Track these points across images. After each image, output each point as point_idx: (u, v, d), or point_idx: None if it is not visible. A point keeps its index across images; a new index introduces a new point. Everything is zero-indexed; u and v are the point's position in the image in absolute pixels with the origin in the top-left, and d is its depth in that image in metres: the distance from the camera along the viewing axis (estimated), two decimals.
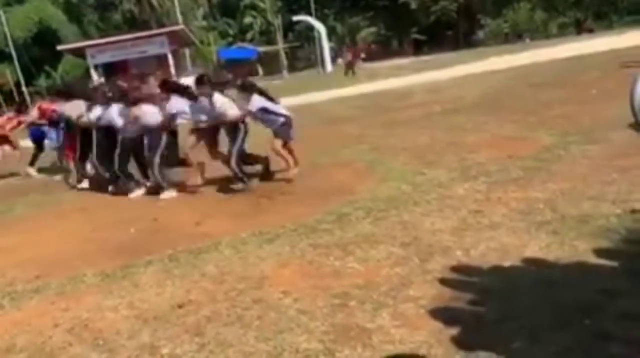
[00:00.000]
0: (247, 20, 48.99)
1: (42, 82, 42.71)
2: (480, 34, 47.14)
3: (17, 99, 30.50)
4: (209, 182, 6.74)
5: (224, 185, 6.45)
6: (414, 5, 40.87)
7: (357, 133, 8.73)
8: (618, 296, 2.71)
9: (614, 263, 3.12)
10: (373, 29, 49.27)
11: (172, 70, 36.45)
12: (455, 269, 3.38)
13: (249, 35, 49.28)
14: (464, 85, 13.58)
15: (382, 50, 48.67)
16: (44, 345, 3.19)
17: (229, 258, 4.15)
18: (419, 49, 44.48)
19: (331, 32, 49.56)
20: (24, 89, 36.62)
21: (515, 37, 41.67)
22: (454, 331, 2.64)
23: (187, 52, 46.91)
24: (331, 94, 16.28)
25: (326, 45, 32.29)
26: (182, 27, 39.08)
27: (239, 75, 9.46)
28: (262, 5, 47.43)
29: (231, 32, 51.75)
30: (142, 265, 4.25)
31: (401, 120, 9.35)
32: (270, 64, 42.50)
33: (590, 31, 35.96)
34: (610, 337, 2.39)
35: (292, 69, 42.84)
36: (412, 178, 5.62)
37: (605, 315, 2.57)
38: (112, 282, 4.00)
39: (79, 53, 37.57)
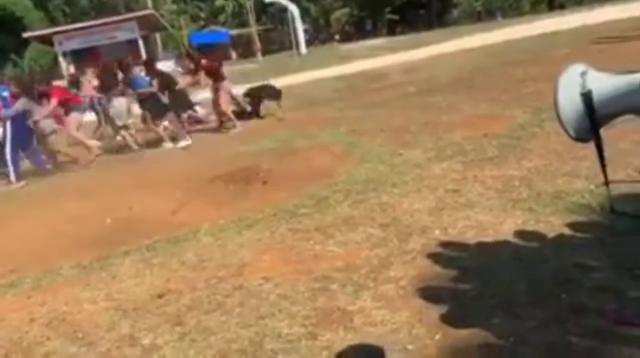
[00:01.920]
0: (219, 2, 48.13)
1: (9, 71, 41.52)
2: (454, 13, 47.20)
3: None
4: (184, 169, 6.67)
5: (199, 172, 6.38)
6: None
7: (334, 115, 8.70)
8: (592, 270, 2.77)
9: (588, 238, 3.18)
10: (346, 10, 48.87)
11: (143, 55, 35.80)
12: (434, 248, 3.41)
13: (221, 18, 48.46)
14: (438, 64, 13.60)
15: (356, 30, 48.39)
16: (20, 340, 3.14)
17: (208, 246, 4.12)
18: (392, 29, 44.32)
19: (304, 13, 49.00)
20: None
21: (487, 15, 41.82)
22: (435, 310, 2.67)
23: (158, 36, 46.08)
24: (306, 76, 16.17)
25: (299, 26, 31.87)
26: (152, 11, 38.24)
27: (211, 60, 9.42)
28: None
29: (202, 15, 50.81)
30: (119, 256, 4.20)
31: (377, 101, 9.34)
32: (244, 47, 41.93)
33: (562, 7, 36.26)
34: (585, 309, 2.43)
35: (266, 51, 42.40)
36: (390, 159, 5.63)
37: (580, 289, 2.62)
38: (89, 274, 3.94)
39: (46, 40, 36.57)
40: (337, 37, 46.28)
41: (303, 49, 31.31)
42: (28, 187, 7.61)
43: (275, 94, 9.91)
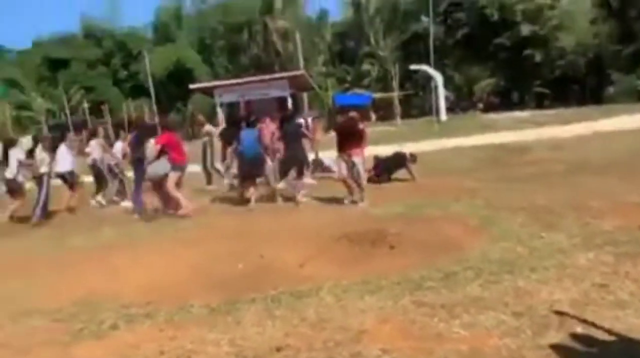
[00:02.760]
0: (365, 67, 50.17)
1: (173, 116, 46.45)
2: (610, 90, 44.21)
3: None
4: (313, 224, 6.82)
5: (327, 229, 6.46)
6: (538, 58, 39.36)
7: (470, 186, 8.42)
8: None
9: None
10: (492, 80, 48.16)
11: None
12: (573, 345, 3.07)
13: (365, 81, 50.33)
14: (589, 143, 12.72)
15: (501, 101, 47.29)
16: None
17: (329, 305, 4.10)
18: (540, 102, 42.63)
19: (448, 82, 49.04)
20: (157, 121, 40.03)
21: None
22: None
23: (305, 96, 48.95)
24: (444, 143, 15.97)
25: (442, 94, 31.98)
26: (302, 72, 40.77)
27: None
28: (380, 53, 48.43)
29: (348, 78, 53.23)
30: (245, 302, 4.33)
31: (518, 176, 8.90)
32: (384, 110, 42.84)
33: None
34: None
35: (406, 116, 42.95)
36: (529, 240, 5.27)
37: None
38: (217, 316, 4.11)
39: (208, 92, 40.61)
40: (480, 106, 45.53)
41: (443, 115, 31.24)
42: (172, 226, 8.07)
43: (411, 159, 9.88)
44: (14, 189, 9.58)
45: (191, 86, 40.32)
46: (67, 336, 3.96)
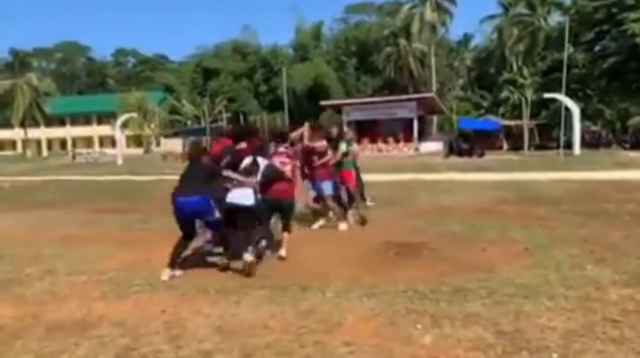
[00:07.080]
0: (504, 94, 48.06)
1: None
2: None
3: None
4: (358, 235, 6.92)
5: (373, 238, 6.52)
6: None
7: (544, 215, 7.92)
8: None
9: None
10: None
11: (415, 133, 38.04)
12: None
13: (501, 109, 48.26)
14: None
15: None
16: None
17: (326, 300, 4.26)
18: None
19: (598, 115, 45.27)
20: None
21: None
22: None
23: (435, 118, 48.24)
24: (555, 176, 14.92)
25: (577, 126, 29.70)
26: (432, 95, 40.51)
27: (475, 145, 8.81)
28: (521, 80, 46.14)
29: (484, 104, 51.49)
30: (257, 288, 4.64)
31: (607, 211, 8.14)
32: (519, 139, 40.68)
33: None
34: None
35: (541, 146, 40.48)
36: (568, 271, 4.92)
37: None
38: (224, 296, 4.47)
39: (338, 109, 41.92)
40: (626, 144, 41.48)
41: (577, 149, 29.05)
42: None
43: None
44: None
45: (322, 102, 42.01)
46: (97, 292, 4.60)
